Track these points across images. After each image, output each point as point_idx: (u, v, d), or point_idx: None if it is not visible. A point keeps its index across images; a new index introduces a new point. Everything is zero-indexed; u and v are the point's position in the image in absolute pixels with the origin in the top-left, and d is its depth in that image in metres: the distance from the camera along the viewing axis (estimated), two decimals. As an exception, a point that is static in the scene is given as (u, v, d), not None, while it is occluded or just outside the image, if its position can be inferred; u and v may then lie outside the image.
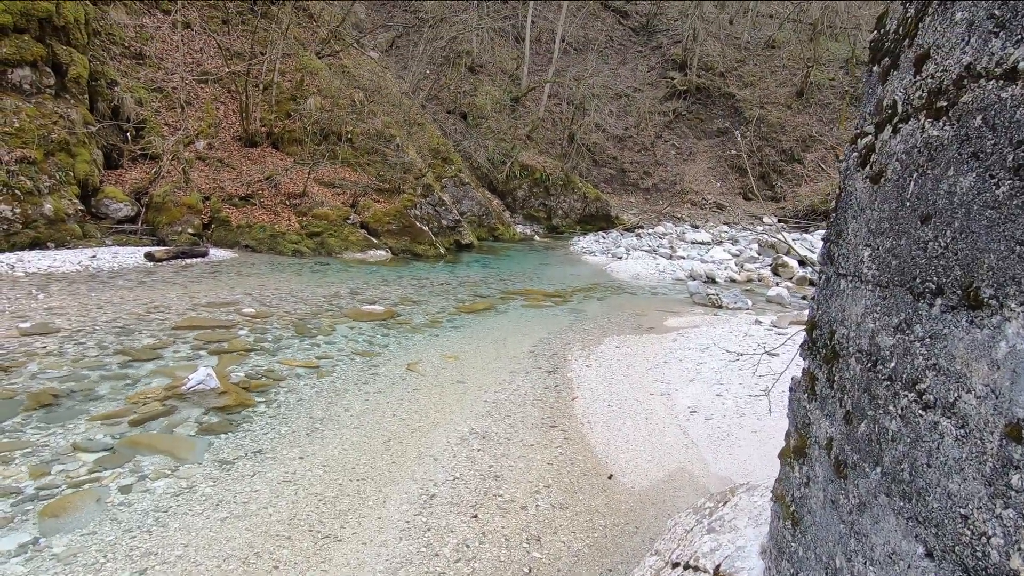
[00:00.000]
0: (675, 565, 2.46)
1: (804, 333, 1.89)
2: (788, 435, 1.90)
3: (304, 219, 14.61)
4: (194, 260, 12.05)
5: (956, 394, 0.95)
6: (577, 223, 22.53)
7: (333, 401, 5.28)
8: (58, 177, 12.35)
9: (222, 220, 14.02)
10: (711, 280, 13.58)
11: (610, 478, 4.20)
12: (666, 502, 3.90)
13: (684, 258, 16.39)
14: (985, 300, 0.92)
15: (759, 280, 14.15)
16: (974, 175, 1.01)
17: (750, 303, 11.10)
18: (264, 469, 4.00)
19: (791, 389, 1.93)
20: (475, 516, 3.58)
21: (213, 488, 3.72)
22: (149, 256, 11.50)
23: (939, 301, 1.06)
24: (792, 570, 1.67)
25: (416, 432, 4.74)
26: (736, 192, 26.04)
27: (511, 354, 7.09)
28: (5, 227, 11.02)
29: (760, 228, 22.83)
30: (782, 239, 15.32)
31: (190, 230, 13.51)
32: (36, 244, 11.39)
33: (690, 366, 6.68)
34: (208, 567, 2.98)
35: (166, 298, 8.55)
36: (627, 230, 21.94)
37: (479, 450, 4.49)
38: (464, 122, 22.93)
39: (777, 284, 13.38)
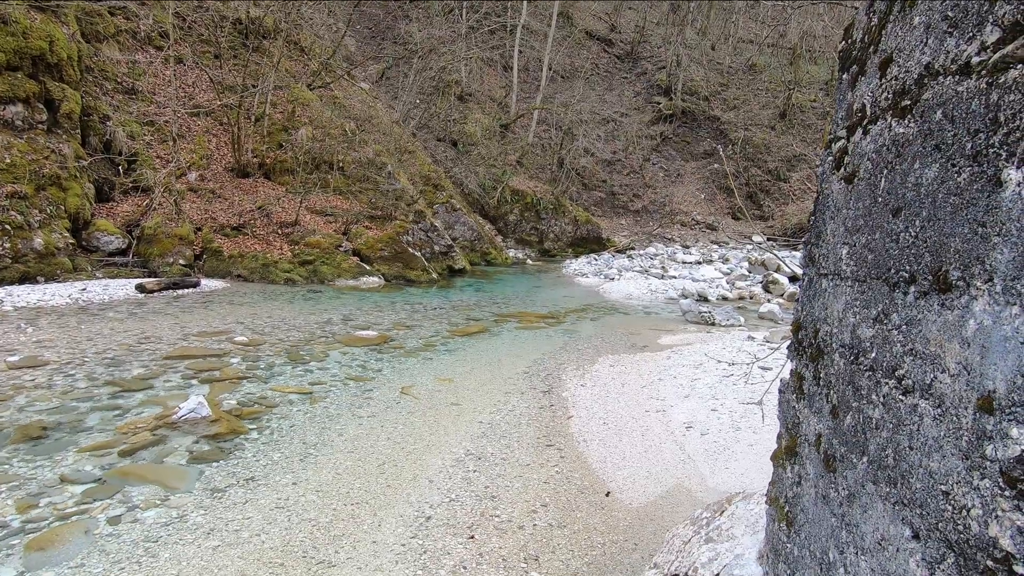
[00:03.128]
0: (674, 577, 2.43)
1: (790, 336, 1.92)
2: (779, 437, 1.91)
3: (296, 248, 14.65)
4: (185, 291, 12.01)
5: (932, 375, 0.98)
6: (569, 246, 22.70)
7: (326, 426, 5.22)
8: (49, 211, 12.35)
9: (214, 250, 14.03)
10: (703, 299, 13.66)
11: (608, 495, 4.16)
12: (664, 518, 3.86)
13: (676, 277, 16.51)
14: (953, 282, 0.95)
15: (751, 298, 14.25)
16: (937, 166, 1.05)
17: (743, 320, 11.16)
18: (256, 496, 3.94)
19: (780, 391, 1.95)
20: (472, 537, 3.53)
21: (204, 517, 3.65)
22: (140, 288, 11.45)
23: (912, 288, 1.09)
24: (788, 571, 1.66)
25: (411, 455, 4.69)
26: (725, 212, 26.40)
27: (506, 375, 7.07)
28: (-6, 262, 10.95)
29: (749, 246, 23.09)
30: (773, 255, 15.50)
31: (182, 261, 13.49)
32: (26, 278, 11.31)
33: (685, 382, 6.68)
34: (199, 597, 2.91)
35: (157, 328, 8.49)
36: (618, 252, 22.11)
37: (475, 471, 4.44)
38: (455, 149, 23.25)
39: (768, 301, 13.47)
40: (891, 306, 1.18)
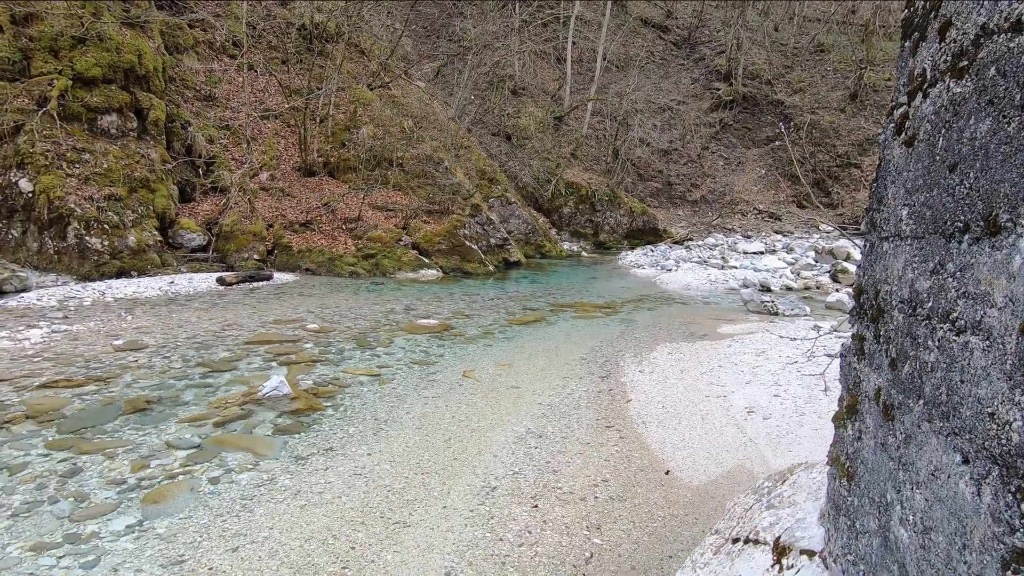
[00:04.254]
0: (735, 540, 2.51)
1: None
2: (840, 400, 1.96)
3: (359, 242, 15.28)
4: (260, 283, 12.79)
5: (982, 312, 1.05)
6: (624, 238, 22.49)
7: (395, 405, 5.54)
8: (140, 211, 13.43)
9: (284, 246, 14.84)
10: (766, 288, 13.26)
11: (667, 474, 4.23)
12: (724, 496, 3.90)
13: (736, 268, 16.08)
14: (1003, 224, 1.02)
15: (817, 287, 13.71)
16: (990, 119, 1.11)
17: (808, 309, 10.79)
18: (335, 464, 4.27)
19: (841, 355, 2.00)
20: (535, 506, 3.70)
21: (291, 480, 4.01)
22: (220, 281, 12.31)
23: (966, 237, 1.16)
24: (849, 522, 1.72)
25: (475, 432, 4.93)
26: (789, 200, 25.35)
27: (564, 361, 7.21)
28: (95, 258, 12.06)
29: (816, 236, 22.10)
30: (847, 239, 14.83)
31: (256, 256, 14.38)
32: (121, 273, 12.38)
33: (746, 370, 6.60)
34: (292, 546, 3.23)
35: (238, 317, 9.15)
36: (676, 243, 21.70)
37: (536, 448, 4.62)
38: (509, 143, 23.46)
39: (837, 290, 12.92)
40: (946, 256, 1.24)
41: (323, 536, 3.33)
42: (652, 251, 20.06)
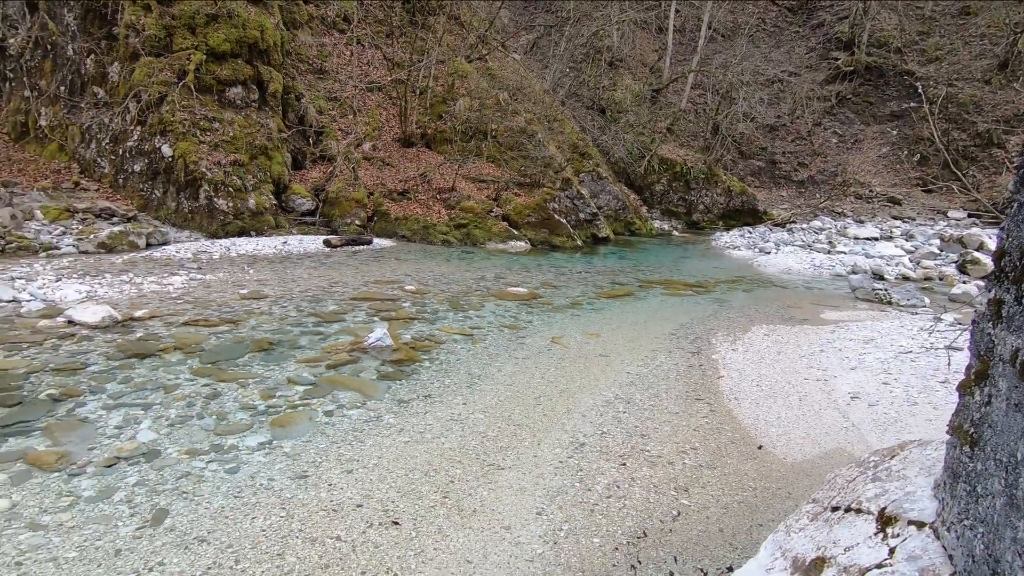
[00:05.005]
0: (835, 509, 2.47)
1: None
2: (968, 368, 1.87)
3: (452, 212, 15.77)
4: (361, 247, 13.61)
5: None
6: (719, 218, 21.50)
7: (487, 363, 5.81)
8: (259, 177, 14.62)
9: (383, 213, 15.62)
10: (878, 276, 12.25)
11: (760, 448, 4.16)
12: (820, 475, 3.78)
13: (845, 253, 14.94)
14: None
15: (940, 279, 12.46)
16: None
17: (927, 301, 9.88)
18: (434, 409, 4.59)
19: (973, 322, 1.89)
20: (623, 464, 3.80)
21: (395, 419, 4.37)
22: (326, 243, 13.25)
23: None
24: (968, 487, 1.67)
25: (563, 393, 5.07)
26: (912, 183, 22.97)
27: (652, 335, 7.16)
28: (221, 218, 13.35)
29: (943, 223, 19.95)
30: (977, 230, 13.34)
31: (357, 222, 15.27)
32: (242, 232, 13.62)
33: (851, 355, 6.23)
34: (398, 474, 3.56)
35: (343, 276, 9.86)
36: (777, 225, 20.45)
37: (624, 412, 4.69)
38: (602, 117, 23.01)
39: (964, 283, 11.68)
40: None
41: (425, 469, 3.63)
42: (750, 233, 19.06)
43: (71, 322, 6.08)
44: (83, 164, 14.15)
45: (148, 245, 11.56)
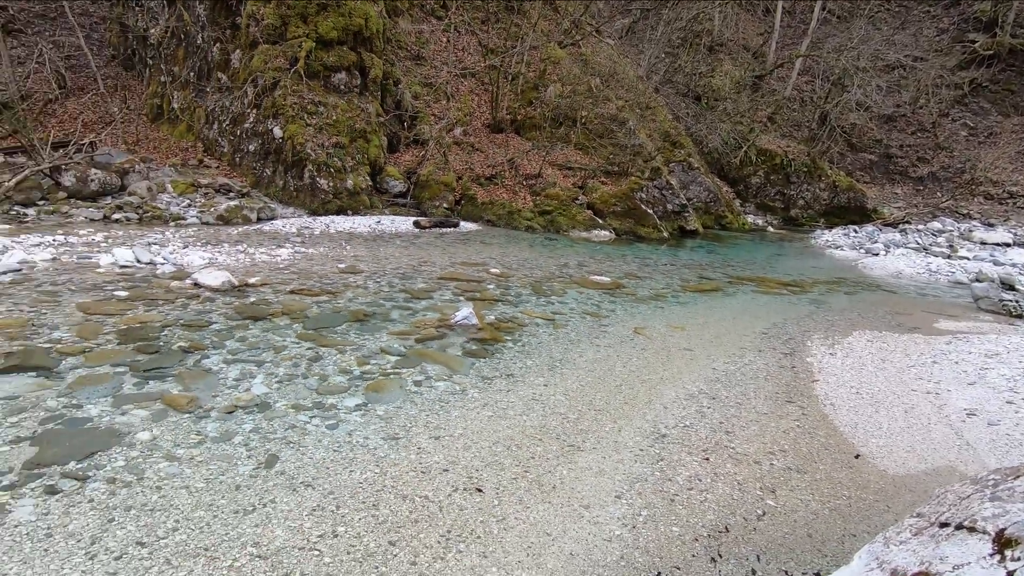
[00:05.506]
0: (943, 525, 2.30)
1: None
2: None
3: (537, 198, 15.85)
4: (448, 230, 14.03)
5: None
6: (821, 215, 20.10)
7: (568, 348, 5.85)
8: (357, 159, 15.39)
9: (470, 197, 15.97)
10: (1009, 286, 10.97)
11: (857, 457, 3.92)
12: (926, 492, 3.52)
13: (968, 259, 13.50)
14: None
15: (1085, 292, 10.94)
16: None
17: (1068, 316, 8.74)
18: (516, 388, 4.71)
19: None
20: (706, 459, 3.73)
21: (479, 394, 4.54)
22: (416, 224, 13.78)
23: None
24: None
25: (646, 383, 5.02)
26: (1058, 183, 20.25)
27: (741, 333, 6.88)
28: (322, 197, 14.22)
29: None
30: None
31: (445, 205, 15.74)
32: (340, 211, 14.44)
33: (969, 369, 5.67)
34: (482, 446, 3.71)
35: (431, 256, 10.24)
36: (887, 225, 18.82)
37: (708, 407, 4.58)
38: (697, 105, 22.09)
39: (1116, 298, 10.19)
40: None
41: (507, 443, 3.76)
42: (855, 232, 17.67)
43: (197, 284, 6.79)
44: (206, 143, 15.57)
45: (259, 219, 12.58)
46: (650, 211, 15.91)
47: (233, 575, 2.44)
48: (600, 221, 15.41)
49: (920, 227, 18.06)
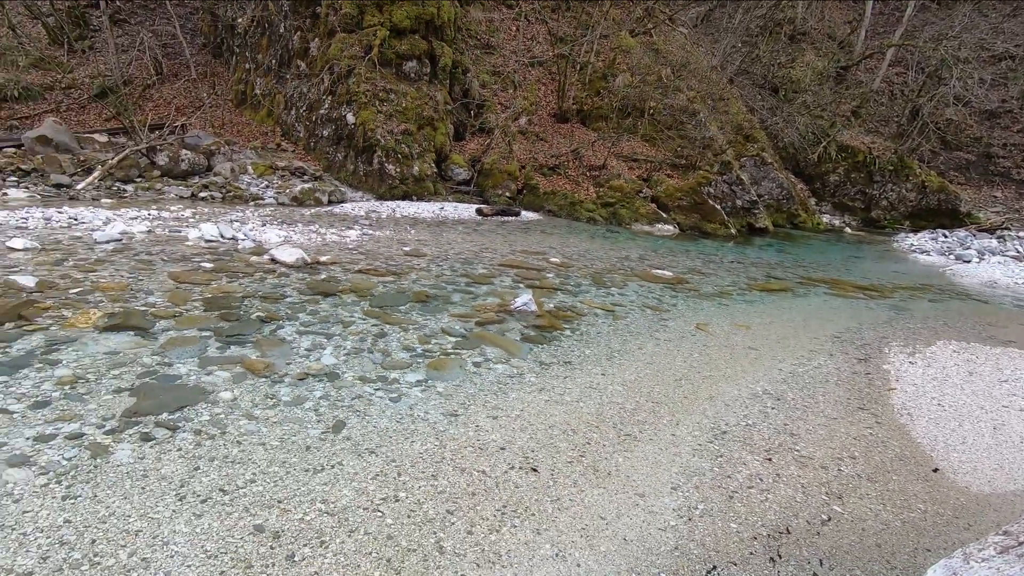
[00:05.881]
0: (1036, 545, 2.14)
1: None
2: None
3: (600, 190, 15.66)
4: (509, 218, 14.12)
5: None
6: (906, 217, 18.80)
7: (627, 339, 5.79)
8: (424, 146, 15.71)
9: (532, 187, 15.99)
10: (1122, 301, 9.89)
11: (935, 471, 3.68)
12: (1013, 512, 3.27)
13: (1076, 270, 12.25)
14: None
15: None
16: None
17: None
18: (573, 375, 4.72)
19: None
20: (769, 459, 3.61)
21: (536, 378, 4.58)
22: (478, 211, 13.94)
23: None
24: None
25: (707, 379, 4.91)
26: None
27: (811, 335, 6.58)
28: (389, 182, 14.63)
29: None
30: None
31: (507, 193, 15.82)
32: (405, 196, 14.82)
33: (1072, 388, 5.18)
34: (538, 428, 3.75)
35: (492, 243, 10.35)
36: (983, 231, 17.35)
37: (773, 408, 4.42)
38: (774, 97, 21.07)
39: None
40: None
41: (563, 427, 3.78)
42: (944, 237, 16.41)
43: (273, 260, 7.18)
44: (284, 128, 16.35)
45: (329, 202, 13.11)
46: (717, 206, 15.39)
47: (304, 527, 2.60)
48: (664, 215, 15.06)
49: (1022, 234, 16.55)
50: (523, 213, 14.72)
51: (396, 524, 2.69)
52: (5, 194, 10.07)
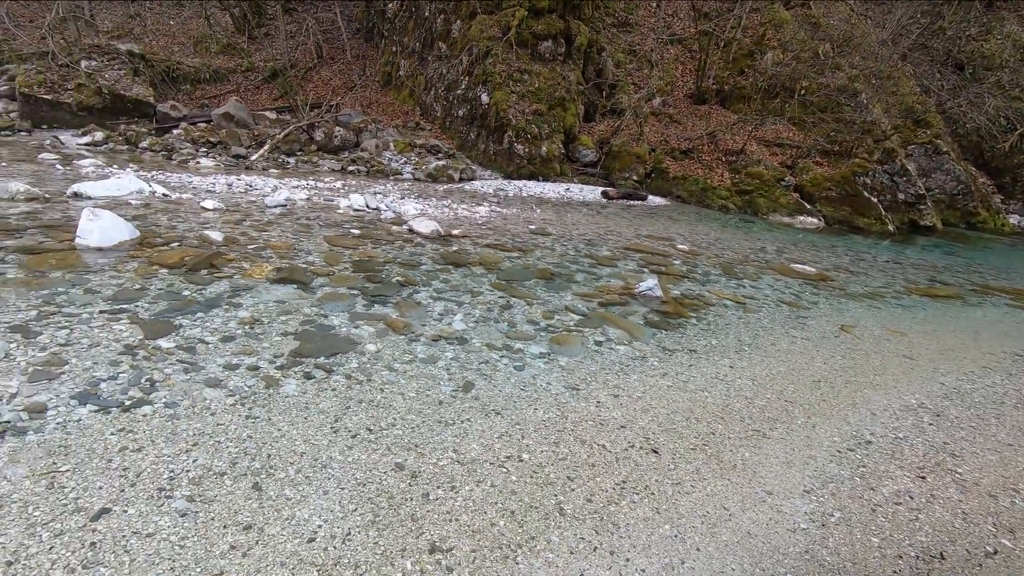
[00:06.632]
0: None
1: None
2: None
3: (736, 176, 14.71)
4: (635, 202, 13.80)
5: None
6: None
7: (759, 334, 5.47)
8: (553, 127, 15.75)
9: (661, 171, 15.43)
10: None
11: None
12: None
13: None
14: None
15: None
16: None
17: None
18: (698, 364, 4.57)
19: None
20: (922, 477, 3.26)
21: (659, 363, 4.50)
22: (604, 194, 13.78)
23: None
24: None
25: (849, 384, 4.50)
26: None
27: (986, 349, 5.73)
28: (517, 162, 14.91)
29: None
30: None
31: (635, 177, 15.42)
32: (532, 176, 15.02)
33: None
34: (659, 411, 3.71)
35: (617, 226, 10.21)
36: None
37: (930, 424, 3.96)
38: (958, 75, 18.23)
39: None
40: None
41: (685, 414, 3.70)
42: None
43: (411, 231, 7.71)
44: (423, 108, 17.27)
45: (460, 179, 13.69)
46: (874, 199, 13.79)
47: (437, 472, 2.84)
48: (808, 206, 13.81)
49: None
50: (650, 198, 14.30)
51: (519, 482, 2.83)
52: (199, 162, 11.80)
